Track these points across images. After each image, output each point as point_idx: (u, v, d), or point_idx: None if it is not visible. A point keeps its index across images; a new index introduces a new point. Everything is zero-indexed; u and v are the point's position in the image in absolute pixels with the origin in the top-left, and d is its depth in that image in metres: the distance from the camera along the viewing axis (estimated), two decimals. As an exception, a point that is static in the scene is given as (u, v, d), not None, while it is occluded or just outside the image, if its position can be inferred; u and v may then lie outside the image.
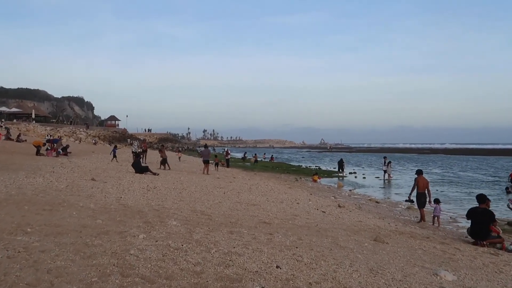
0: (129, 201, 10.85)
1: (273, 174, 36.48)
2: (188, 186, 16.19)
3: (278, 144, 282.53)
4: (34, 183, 12.53)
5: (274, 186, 21.22)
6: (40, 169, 17.46)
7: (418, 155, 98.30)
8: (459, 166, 55.39)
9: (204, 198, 13.22)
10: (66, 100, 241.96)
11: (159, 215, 9.13)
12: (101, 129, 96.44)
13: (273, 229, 8.89)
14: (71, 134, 71.05)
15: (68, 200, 9.88)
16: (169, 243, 6.45)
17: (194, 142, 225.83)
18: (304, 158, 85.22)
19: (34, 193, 10.57)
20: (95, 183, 14.07)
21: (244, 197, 14.70)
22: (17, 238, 5.96)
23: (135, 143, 33.12)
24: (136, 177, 17.81)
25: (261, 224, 9.42)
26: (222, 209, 11.14)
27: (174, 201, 11.82)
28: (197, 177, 21.87)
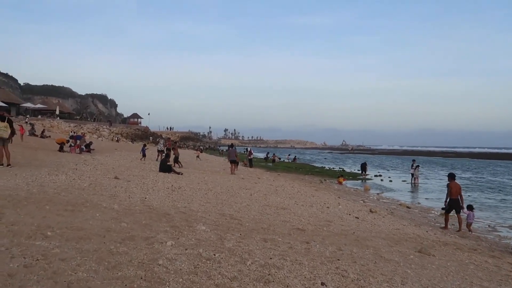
0: (154, 202, 10.33)
1: (297, 175, 35.78)
2: (213, 187, 15.63)
3: (299, 144, 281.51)
4: (57, 181, 12.11)
5: (300, 188, 20.55)
6: (63, 166, 17.12)
7: (444, 159, 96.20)
8: (487, 170, 53.81)
9: (231, 200, 12.65)
10: (90, 98, 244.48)
11: (186, 218, 8.58)
12: (123, 126, 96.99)
13: (309, 236, 8.25)
14: (94, 131, 71.41)
15: (91, 200, 9.39)
16: (200, 252, 5.87)
17: (215, 141, 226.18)
18: (326, 159, 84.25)
19: (56, 191, 10.12)
20: (119, 182, 13.62)
21: (272, 199, 14.08)
22: (36, 243, 5.44)
23: (161, 141, 32.83)
24: (160, 176, 17.34)
25: (295, 230, 8.78)
26: (252, 213, 10.54)
27: (200, 203, 11.26)
28: (221, 177, 21.33)
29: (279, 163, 52.86)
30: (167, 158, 21.43)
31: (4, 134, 14.22)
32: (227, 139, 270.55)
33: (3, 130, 14.19)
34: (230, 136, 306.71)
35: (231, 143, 32.42)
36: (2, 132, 14.18)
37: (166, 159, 21.13)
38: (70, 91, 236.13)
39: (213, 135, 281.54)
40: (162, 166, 20.12)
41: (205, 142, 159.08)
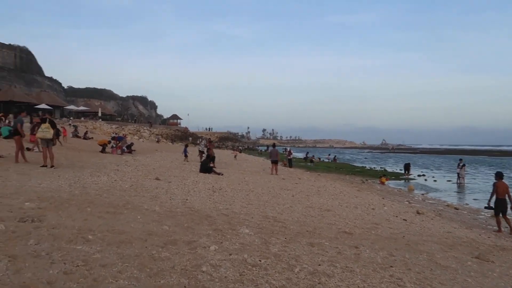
0: (195, 204, 10.13)
1: (338, 175, 35.14)
2: (254, 188, 15.36)
3: (338, 144, 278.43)
4: (99, 182, 12.11)
5: (343, 189, 20.02)
6: (105, 167, 17.24)
7: (490, 158, 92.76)
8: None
9: (273, 201, 12.33)
10: (131, 99, 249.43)
11: (229, 221, 8.31)
12: (163, 127, 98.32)
13: (357, 241, 7.83)
14: (135, 132, 72.58)
15: (132, 202, 9.27)
16: (245, 258, 5.58)
17: (253, 141, 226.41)
18: (366, 159, 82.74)
19: (98, 193, 10.06)
20: (160, 183, 13.53)
21: (315, 200, 13.68)
22: (77, 247, 5.28)
23: (203, 142, 32.95)
24: (201, 177, 17.22)
25: (342, 234, 8.37)
26: (295, 215, 10.19)
27: (242, 204, 10.99)
28: (261, 177, 21.04)
29: (319, 163, 52.21)
30: (208, 159, 21.35)
31: (47, 135, 14.40)
32: (265, 139, 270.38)
33: (45, 131, 14.36)
34: (268, 136, 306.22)
35: (273, 143, 32.06)
36: (45, 133, 14.36)
37: (206, 160, 21.06)
38: (112, 93, 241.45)
39: (251, 135, 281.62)
40: (202, 166, 20.03)
41: (243, 142, 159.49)
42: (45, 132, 14.42)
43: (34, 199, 8.20)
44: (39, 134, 14.55)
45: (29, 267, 4.37)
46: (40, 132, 14.49)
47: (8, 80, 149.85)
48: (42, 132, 14.42)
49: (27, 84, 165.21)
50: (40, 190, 9.51)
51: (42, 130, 14.42)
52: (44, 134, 14.41)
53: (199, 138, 68.32)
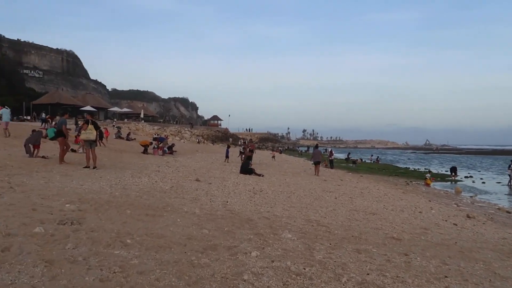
0: (236, 206, 9.89)
1: (381, 176, 34.30)
2: (295, 190, 15.01)
3: (379, 144, 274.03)
4: (139, 184, 12.08)
5: (387, 191, 19.38)
6: (146, 168, 17.30)
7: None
8: None
9: (316, 204, 11.96)
10: (172, 101, 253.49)
11: (270, 224, 8.02)
12: (204, 128, 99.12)
13: (406, 247, 7.37)
14: (177, 133, 73.40)
15: (172, 204, 9.12)
16: (288, 265, 5.27)
17: (293, 142, 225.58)
18: (410, 159, 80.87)
19: (138, 194, 9.99)
20: (200, 184, 13.40)
21: (359, 203, 13.20)
22: (114, 252, 5.11)
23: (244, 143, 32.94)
24: (241, 178, 17.02)
25: (390, 240, 7.93)
26: (339, 219, 9.79)
27: (284, 207, 10.68)
28: (302, 179, 20.67)
29: (361, 164, 51.22)
30: (248, 160, 21.17)
31: (90, 137, 14.55)
32: (306, 140, 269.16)
33: (89, 132, 14.51)
34: (309, 137, 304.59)
35: (316, 144, 31.63)
36: (88, 135, 14.52)
37: (247, 161, 20.87)
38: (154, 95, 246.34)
39: (292, 135, 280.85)
40: (243, 167, 19.85)
41: (283, 143, 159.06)
42: (89, 133, 14.57)
43: (75, 200, 8.17)
44: (83, 136, 14.74)
45: (65, 274, 4.22)
46: (84, 134, 14.66)
47: (56, 83, 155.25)
48: (85, 133, 14.58)
49: (73, 86, 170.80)
50: (81, 191, 9.51)
51: (85, 132, 14.59)
52: (87, 135, 14.57)
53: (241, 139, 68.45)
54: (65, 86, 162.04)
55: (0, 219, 6.08)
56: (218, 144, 74.83)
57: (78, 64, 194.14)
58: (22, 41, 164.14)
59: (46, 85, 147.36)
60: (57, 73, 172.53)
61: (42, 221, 6.21)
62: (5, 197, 7.89)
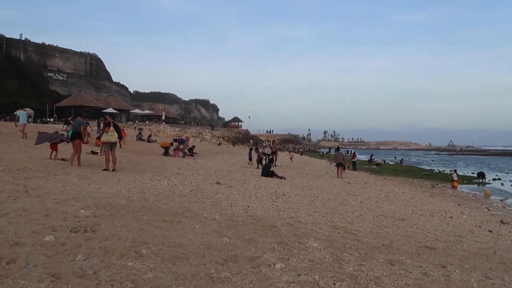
0: (257, 211, 9.46)
1: (405, 179, 33.52)
2: (319, 193, 14.52)
3: (402, 146, 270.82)
4: (158, 187, 11.74)
5: (413, 194, 18.73)
6: (166, 170, 17.00)
7: None
8: None
9: (341, 208, 11.45)
10: (193, 103, 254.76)
11: (294, 232, 7.56)
12: (225, 130, 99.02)
13: (442, 257, 6.84)
14: (197, 135, 73.37)
15: (191, 209, 8.74)
16: (317, 280, 4.81)
17: (314, 143, 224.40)
18: (434, 161, 79.31)
19: (157, 199, 9.63)
20: (220, 188, 13.01)
21: (386, 208, 12.64)
22: (128, 264, 4.72)
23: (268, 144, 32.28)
24: (262, 181, 16.59)
25: (424, 249, 7.39)
26: (367, 225, 9.27)
27: (308, 212, 10.21)
28: (325, 181, 20.13)
29: (384, 165, 50.27)
30: (270, 163, 20.72)
31: (112, 139, 14.31)
32: (327, 141, 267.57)
33: (111, 135, 14.27)
34: (330, 138, 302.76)
35: (337, 146, 31.03)
36: (110, 137, 14.28)
37: (269, 163, 20.42)
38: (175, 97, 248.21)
39: (313, 137, 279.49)
40: (264, 170, 19.42)
41: (304, 144, 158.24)
42: (110, 136, 14.33)
43: (90, 205, 7.84)
44: (104, 138, 14.48)
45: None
46: (105, 136, 14.42)
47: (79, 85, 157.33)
48: (107, 136, 14.34)
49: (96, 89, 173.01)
50: (98, 195, 9.20)
51: (107, 134, 14.35)
52: (109, 138, 14.33)
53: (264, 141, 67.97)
54: (88, 88, 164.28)
55: (11, 226, 5.77)
56: (239, 145, 74.53)
57: (101, 67, 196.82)
58: (46, 45, 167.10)
59: (69, 87, 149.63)
60: (80, 76, 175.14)
61: (54, 228, 5.88)
62: (19, 201, 7.59)
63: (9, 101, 70.20)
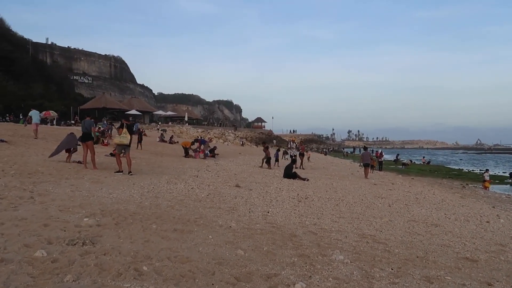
0: (278, 218, 8.76)
1: (433, 179, 32.35)
2: (344, 196, 13.74)
3: (428, 145, 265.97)
4: (173, 191, 11.15)
5: (443, 196, 17.74)
6: (185, 172, 16.44)
7: None
8: None
9: (368, 213, 10.65)
10: (217, 104, 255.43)
11: (317, 242, 6.84)
12: (248, 130, 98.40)
13: (485, 272, 6.02)
14: (220, 135, 73.01)
15: (205, 216, 8.09)
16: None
17: (338, 143, 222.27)
18: (462, 160, 77.23)
19: (170, 204, 9.03)
20: (239, 191, 12.34)
21: (416, 212, 11.78)
22: (123, 285, 4.10)
23: (294, 145, 31.37)
24: (284, 184, 15.86)
25: (463, 261, 6.58)
26: (397, 232, 8.46)
27: (332, 217, 9.46)
28: (350, 183, 19.29)
29: (411, 165, 48.92)
30: (293, 164, 19.95)
31: (124, 141, 13.81)
32: (351, 141, 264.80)
33: (123, 137, 13.77)
34: (354, 138, 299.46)
35: (364, 145, 30.00)
36: (122, 139, 13.78)
37: (291, 164, 19.65)
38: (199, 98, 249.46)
39: (337, 137, 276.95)
40: (286, 171, 18.69)
41: (328, 144, 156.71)
42: (123, 138, 13.84)
43: (96, 213, 7.27)
44: (116, 140, 14.00)
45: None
46: (118, 138, 13.94)
47: (104, 88, 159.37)
48: (119, 138, 13.85)
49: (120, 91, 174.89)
50: (107, 201, 8.64)
51: (120, 136, 13.86)
52: (121, 139, 13.84)
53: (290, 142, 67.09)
54: (112, 91, 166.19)
55: (1, 239, 5.22)
56: (262, 146, 73.86)
57: (125, 69, 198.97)
58: (72, 48, 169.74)
59: (95, 90, 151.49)
60: (105, 79, 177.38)
61: (50, 241, 5.31)
62: (20, 209, 7.07)
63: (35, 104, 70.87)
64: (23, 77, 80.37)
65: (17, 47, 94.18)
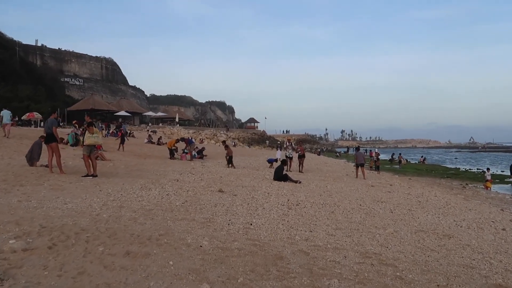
0: (262, 232, 7.28)
1: (431, 179, 31.04)
2: (339, 200, 12.31)
3: (421, 144, 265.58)
4: (145, 198, 9.67)
5: (447, 198, 16.36)
6: (165, 176, 14.95)
7: None
8: None
9: (369, 222, 9.20)
10: (210, 105, 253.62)
11: (309, 265, 5.39)
12: (240, 131, 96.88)
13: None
14: (212, 136, 71.53)
15: (173, 231, 6.60)
16: None
17: (331, 143, 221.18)
18: (457, 159, 76.03)
19: (134, 216, 7.55)
20: (222, 197, 10.87)
21: (422, 219, 10.35)
22: None
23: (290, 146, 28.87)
24: (274, 186, 14.40)
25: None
26: (406, 248, 7.00)
27: (327, 229, 8.00)
28: (346, 185, 17.84)
29: (406, 165, 47.65)
30: (284, 165, 18.40)
31: (98, 141, 12.41)
32: (344, 141, 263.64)
33: (96, 136, 12.35)
34: (347, 138, 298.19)
35: (357, 145, 28.34)
36: (96, 139, 12.38)
37: (282, 166, 18.11)
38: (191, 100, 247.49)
39: (330, 136, 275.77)
40: (277, 173, 17.21)
41: (321, 144, 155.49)
42: (96, 137, 12.39)
43: (33, 231, 5.79)
44: (90, 141, 12.45)
45: None
46: (91, 138, 12.43)
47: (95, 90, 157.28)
48: (92, 137, 12.40)
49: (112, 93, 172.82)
50: (56, 214, 7.15)
51: (92, 136, 12.38)
52: (96, 140, 12.45)
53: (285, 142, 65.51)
54: (104, 92, 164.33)
55: None
56: (255, 147, 72.38)
57: (117, 71, 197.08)
58: (62, 50, 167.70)
59: (86, 92, 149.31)
60: (96, 80, 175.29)
61: None
62: None
63: (21, 105, 69.24)
64: (11, 79, 78.58)
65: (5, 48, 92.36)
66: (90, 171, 12.30)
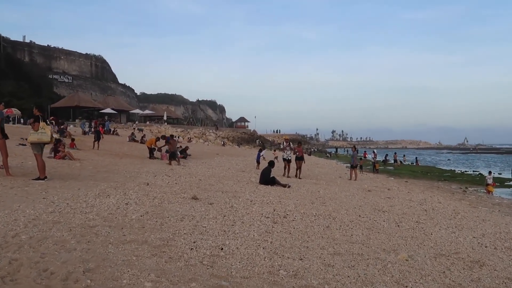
0: (234, 262, 5.38)
1: (429, 182, 29.33)
2: (335, 210, 10.46)
3: (411, 145, 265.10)
4: (95, 209, 7.76)
5: (452, 204, 14.65)
6: (135, 179, 13.04)
7: None
8: None
9: (374, 242, 7.30)
10: (200, 104, 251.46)
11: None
12: (230, 130, 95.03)
13: None
14: (201, 135, 69.65)
15: (106, 264, 4.68)
16: None
17: (322, 143, 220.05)
18: (450, 160, 74.68)
19: (65, 238, 5.63)
20: (194, 207, 8.96)
21: (436, 235, 8.51)
22: None
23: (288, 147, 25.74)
24: (259, 192, 12.52)
25: None
26: (431, 286, 5.17)
27: (322, 257, 6.08)
28: (340, 189, 16.02)
29: (400, 166, 46.09)
30: (271, 167, 16.40)
31: (44, 138, 10.42)
32: (335, 141, 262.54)
33: (42, 133, 10.35)
34: (338, 138, 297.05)
35: (353, 146, 26.38)
36: (41, 136, 10.38)
37: (269, 167, 16.16)
38: (182, 98, 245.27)
39: (321, 136, 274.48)
40: (263, 176, 15.33)
41: (312, 144, 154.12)
42: (42, 134, 10.40)
43: None
44: (33, 137, 10.45)
45: None
46: (35, 135, 10.42)
47: (85, 87, 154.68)
48: (37, 134, 10.38)
49: (102, 91, 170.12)
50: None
51: (37, 132, 10.38)
52: (40, 137, 10.41)
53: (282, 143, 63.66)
54: (93, 90, 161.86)
55: None
56: (244, 146, 70.49)
57: (107, 69, 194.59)
58: (51, 47, 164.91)
59: (75, 89, 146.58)
60: (86, 78, 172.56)
61: None
62: None
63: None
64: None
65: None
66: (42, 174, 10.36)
